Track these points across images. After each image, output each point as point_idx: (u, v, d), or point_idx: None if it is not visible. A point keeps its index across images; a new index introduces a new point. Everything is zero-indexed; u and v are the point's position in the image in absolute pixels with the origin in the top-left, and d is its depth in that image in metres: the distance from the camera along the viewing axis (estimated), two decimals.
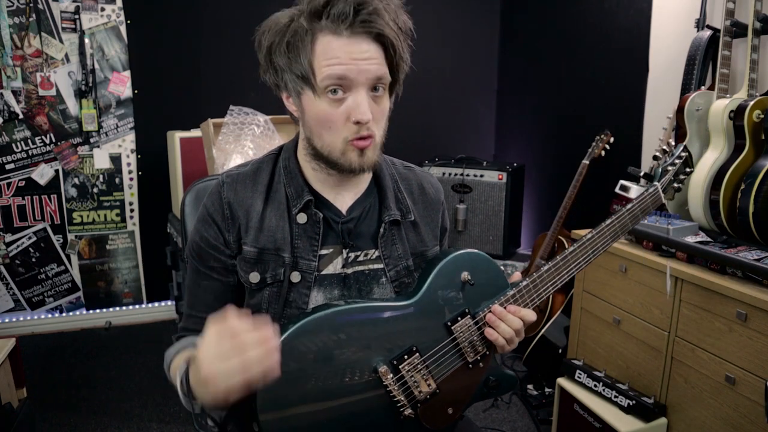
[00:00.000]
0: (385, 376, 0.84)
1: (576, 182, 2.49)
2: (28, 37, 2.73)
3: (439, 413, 0.91)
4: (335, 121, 0.86)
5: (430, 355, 0.89)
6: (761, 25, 1.75)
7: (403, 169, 1.09)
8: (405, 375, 0.86)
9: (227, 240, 0.95)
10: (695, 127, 1.86)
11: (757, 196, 1.57)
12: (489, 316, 0.92)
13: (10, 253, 2.89)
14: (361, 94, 0.84)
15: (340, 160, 0.89)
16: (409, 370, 0.87)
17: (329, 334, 0.83)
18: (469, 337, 0.92)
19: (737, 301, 1.44)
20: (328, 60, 0.83)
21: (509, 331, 0.90)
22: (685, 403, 1.63)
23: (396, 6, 0.87)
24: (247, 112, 2.38)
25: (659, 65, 2.35)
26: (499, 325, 0.91)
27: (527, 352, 2.43)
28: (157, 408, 2.27)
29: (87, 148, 2.93)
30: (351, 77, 0.83)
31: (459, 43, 3.51)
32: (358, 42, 0.83)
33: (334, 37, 0.83)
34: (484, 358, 0.93)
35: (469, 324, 0.92)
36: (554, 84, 3.09)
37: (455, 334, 0.91)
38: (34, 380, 2.37)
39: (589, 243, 1.04)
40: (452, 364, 0.91)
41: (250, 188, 0.96)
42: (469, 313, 0.92)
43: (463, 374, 0.92)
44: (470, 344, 0.92)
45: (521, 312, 0.92)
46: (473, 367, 0.93)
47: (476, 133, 3.70)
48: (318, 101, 0.86)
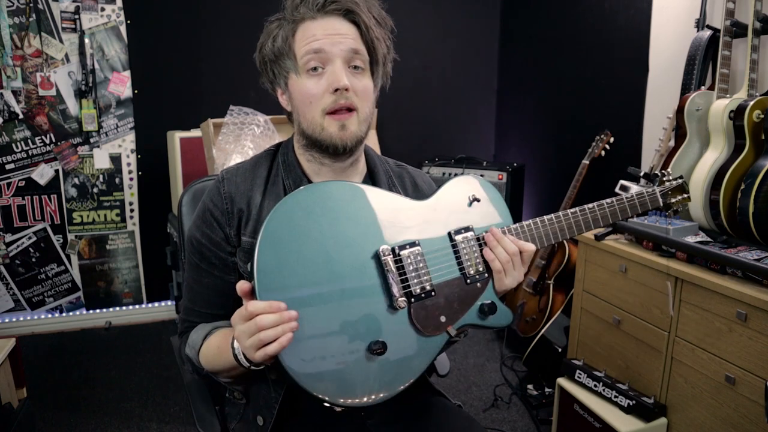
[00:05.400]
0: (385, 255, 0.85)
1: (576, 182, 2.49)
2: (28, 37, 2.73)
3: (431, 317, 0.89)
4: (315, 93, 0.92)
5: (431, 252, 0.91)
6: (761, 25, 1.75)
7: (395, 167, 1.13)
8: (404, 262, 0.87)
9: (228, 234, 0.97)
10: (695, 127, 1.86)
11: (757, 196, 1.57)
12: (487, 235, 0.95)
13: (10, 253, 2.89)
14: (338, 64, 0.91)
15: (321, 136, 0.93)
16: (409, 259, 0.88)
17: (339, 203, 0.86)
18: (469, 251, 0.94)
19: (737, 301, 1.44)
20: (306, 39, 0.92)
21: (504, 254, 0.94)
22: (685, 403, 1.63)
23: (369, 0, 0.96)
24: (247, 112, 2.38)
25: (659, 65, 2.35)
26: (496, 246, 0.94)
27: (527, 352, 2.43)
28: (157, 408, 2.27)
29: (87, 148, 2.93)
30: (326, 49, 0.91)
31: (459, 43, 3.51)
32: (331, 21, 0.92)
33: (310, 21, 0.92)
34: (482, 279, 0.95)
35: (470, 238, 0.95)
36: (554, 84, 3.09)
37: (456, 244, 0.94)
38: (34, 380, 2.37)
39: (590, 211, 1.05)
40: (450, 271, 0.93)
41: (249, 180, 1.00)
42: (471, 230, 0.96)
43: (460, 287, 0.93)
44: (469, 258, 0.94)
45: (519, 241, 0.96)
46: (470, 284, 0.94)
47: (476, 133, 3.70)
48: (301, 80, 0.93)
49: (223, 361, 0.89)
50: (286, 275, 0.79)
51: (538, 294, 2.58)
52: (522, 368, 2.57)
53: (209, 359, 0.95)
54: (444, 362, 1.33)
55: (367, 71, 0.96)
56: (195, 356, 0.97)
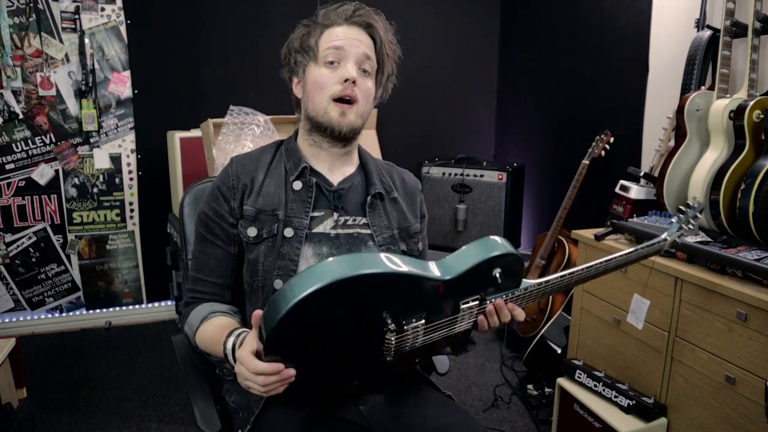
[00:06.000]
0: (389, 331, 0.87)
1: (576, 182, 2.49)
2: (28, 37, 2.73)
3: (409, 362, 0.99)
4: (327, 81, 1.07)
5: (432, 321, 0.93)
6: (761, 25, 1.75)
7: (385, 165, 1.27)
8: (405, 335, 0.90)
9: (232, 207, 1.10)
10: (695, 127, 1.86)
11: (757, 196, 1.57)
12: (490, 307, 0.97)
13: (10, 253, 2.89)
14: (351, 62, 1.08)
15: (323, 119, 1.08)
16: (411, 331, 0.90)
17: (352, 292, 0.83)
18: (465, 317, 0.96)
19: (737, 301, 1.44)
20: (330, 39, 1.09)
21: (497, 323, 0.98)
22: (685, 403, 1.63)
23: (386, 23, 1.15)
24: (247, 112, 2.38)
25: (659, 65, 2.35)
26: (493, 316, 0.97)
27: (527, 352, 2.43)
28: (157, 408, 2.27)
29: (87, 148, 2.93)
30: (345, 48, 1.08)
31: (459, 43, 3.51)
32: (353, 29, 1.10)
33: (337, 27, 1.10)
34: (465, 332, 1.00)
35: (474, 306, 0.96)
36: (554, 84, 3.09)
37: (460, 313, 0.95)
38: (34, 380, 2.37)
39: (594, 267, 1.12)
40: (442, 333, 0.96)
41: (254, 163, 1.15)
42: (479, 299, 0.96)
43: (444, 339, 0.98)
44: (463, 321, 0.97)
45: (516, 311, 1.00)
46: (453, 336, 0.99)
47: (476, 133, 3.70)
48: (318, 69, 1.09)
49: (215, 352, 1.01)
50: (295, 347, 0.85)
51: None
52: (522, 368, 2.57)
53: (204, 343, 1.06)
54: (444, 361, 1.33)
55: (372, 76, 1.12)
56: (192, 336, 1.09)
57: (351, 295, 0.83)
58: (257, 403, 1.06)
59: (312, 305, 0.79)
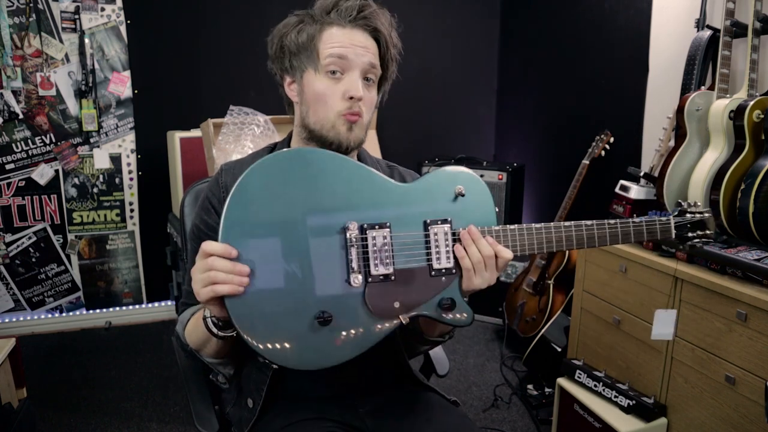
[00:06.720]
0: (351, 231, 0.85)
1: (576, 182, 2.49)
2: (28, 37, 2.73)
3: (385, 300, 0.88)
4: (331, 95, 0.98)
5: (400, 236, 0.89)
6: (761, 25, 1.75)
7: (386, 167, 1.19)
8: (369, 241, 0.87)
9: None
10: (695, 127, 1.86)
11: (757, 196, 1.57)
12: (464, 233, 0.91)
13: (10, 253, 2.89)
14: (356, 74, 0.98)
15: (330, 134, 0.99)
16: (375, 239, 0.87)
17: (319, 171, 0.87)
18: (440, 243, 0.91)
19: (737, 301, 1.44)
20: (332, 43, 0.97)
21: (477, 255, 0.90)
22: (685, 403, 1.63)
23: (391, 21, 1.04)
24: (247, 112, 2.38)
25: (659, 65, 2.35)
26: (470, 244, 0.91)
27: (527, 352, 2.43)
28: (157, 408, 2.27)
29: (87, 148, 2.93)
30: (350, 57, 0.97)
31: (459, 43, 3.51)
32: (357, 33, 0.99)
33: (338, 28, 0.98)
34: (448, 274, 0.91)
35: (445, 230, 0.91)
36: (554, 84, 3.09)
37: (429, 233, 0.91)
38: (34, 380, 2.37)
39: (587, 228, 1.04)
40: (416, 259, 0.90)
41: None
42: (449, 222, 0.92)
43: (422, 277, 0.90)
44: (438, 251, 0.91)
45: (498, 246, 0.92)
46: (434, 276, 0.91)
47: (476, 133, 3.70)
48: (318, 78, 0.98)
49: (200, 333, 0.94)
50: (249, 230, 0.83)
51: (538, 294, 2.58)
52: (522, 368, 2.57)
53: (190, 332, 1.00)
54: (443, 362, 1.33)
55: (375, 84, 1.03)
56: (182, 332, 1.02)
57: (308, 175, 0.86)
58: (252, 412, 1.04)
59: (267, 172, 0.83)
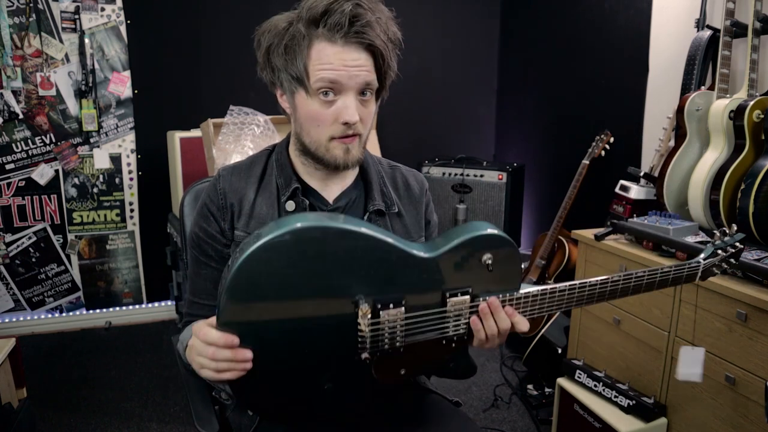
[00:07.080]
0: (363, 314, 0.80)
1: (576, 182, 2.49)
2: (28, 37, 2.73)
3: (392, 370, 0.87)
4: (324, 119, 0.92)
5: (414, 315, 0.85)
6: (761, 25, 1.75)
7: (388, 168, 1.14)
8: (381, 322, 0.83)
9: (223, 228, 1.02)
10: (695, 127, 1.86)
11: (757, 196, 1.57)
12: (483, 306, 0.87)
13: (10, 253, 2.89)
14: (350, 97, 0.91)
15: (326, 156, 0.95)
16: (388, 320, 0.83)
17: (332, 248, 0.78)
18: (457, 316, 0.87)
19: (737, 301, 1.44)
20: (322, 65, 0.89)
21: (494, 328, 0.88)
22: (685, 403, 1.63)
23: (387, 17, 0.93)
24: (247, 112, 2.38)
25: (659, 65, 2.35)
26: (488, 318, 0.88)
27: (527, 352, 2.43)
28: (157, 408, 2.27)
29: (87, 148, 2.93)
30: (342, 82, 0.90)
31: (459, 43, 3.51)
32: (350, 50, 0.89)
33: (328, 44, 0.89)
34: (459, 341, 0.90)
35: (465, 302, 0.87)
36: (554, 84, 3.09)
37: (447, 307, 0.86)
38: (34, 380, 2.37)
39: (611, 283, 1.01)
40: (429, 333, 0.87)
41: (244, 179, 1.03)
42: (469, 294, 0.87)
43: (432, 346, 0.88)
44: (456, 323, 0.88)
45: (516, 317, 0.89)
46: (445, 344, 0.89)
47: (476, 133, 3.70)
48: (310, 101, 0.92)
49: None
50: (252, 312, 0.77)
51: None
52: (522, 368, 2.57)
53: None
54: None
55: (373, 96, 0.97)
56: (183, 352, 0.99)
57: (318, 256, 0.75)
58: (252, 420, 1.03)
59: (272, 256, 0.72)
